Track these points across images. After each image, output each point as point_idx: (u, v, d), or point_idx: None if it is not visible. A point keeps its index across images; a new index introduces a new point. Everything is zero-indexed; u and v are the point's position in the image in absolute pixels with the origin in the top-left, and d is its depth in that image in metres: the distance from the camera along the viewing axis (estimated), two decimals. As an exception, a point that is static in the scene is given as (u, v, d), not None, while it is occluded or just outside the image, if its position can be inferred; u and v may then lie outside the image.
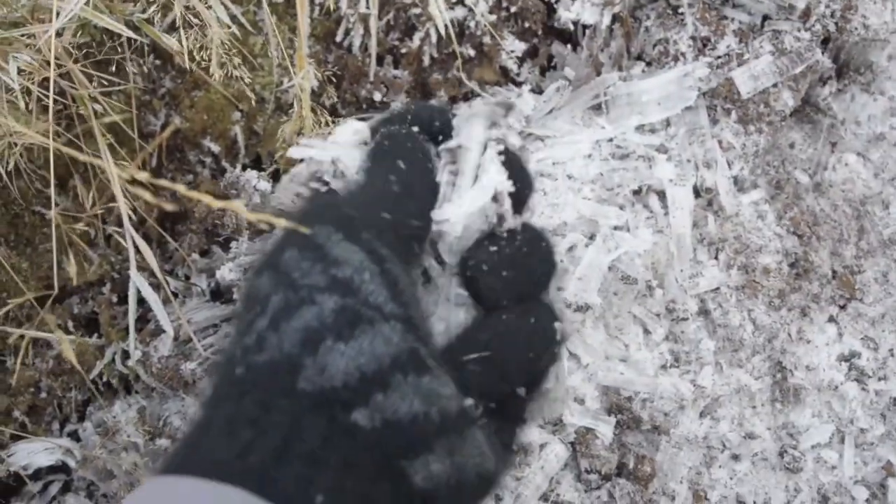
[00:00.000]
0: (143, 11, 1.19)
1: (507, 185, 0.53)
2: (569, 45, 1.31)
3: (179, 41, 1.17)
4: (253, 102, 1.28)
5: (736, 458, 1.19)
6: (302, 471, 0.39)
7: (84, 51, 1.20)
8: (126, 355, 1.21)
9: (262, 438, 0.39)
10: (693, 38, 1.27)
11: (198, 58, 1.12)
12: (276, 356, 0.42)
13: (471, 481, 0.44)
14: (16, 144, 1.18)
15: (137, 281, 1.17)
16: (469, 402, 0.45)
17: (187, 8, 1.16)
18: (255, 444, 0.39)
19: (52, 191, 1.09)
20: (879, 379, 1.23)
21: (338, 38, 1.28)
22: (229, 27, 1.17)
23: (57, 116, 1.23)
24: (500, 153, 0.55)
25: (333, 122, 1.26)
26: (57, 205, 1.25)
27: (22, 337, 1.21)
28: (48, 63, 1.17)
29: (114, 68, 1.23)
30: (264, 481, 0.38)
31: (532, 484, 1.15)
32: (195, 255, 1.24)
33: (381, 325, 0.42)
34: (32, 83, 1.15)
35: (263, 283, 0.45)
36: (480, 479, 0.45)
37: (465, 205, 0.52)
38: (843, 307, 1.27)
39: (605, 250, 1.18)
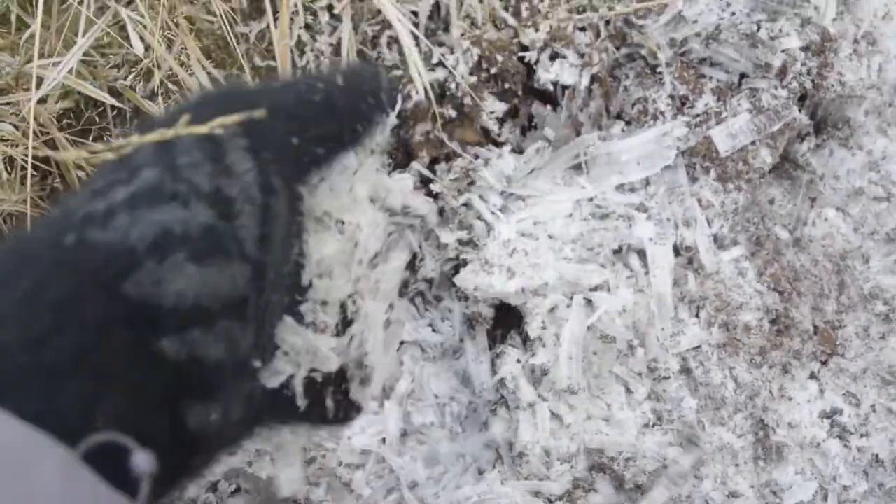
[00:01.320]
0: (126, 77, 1.21)
1: None
2: (549, 106, 1.33)
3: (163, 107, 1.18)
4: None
5: (719, 517, 1.19)
6: (91, 388, 0.34)
7: (68, 118, 1.22)
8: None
9: (62, 336, 0.34)
10: (671, 96, 1.29)
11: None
12: (116, 241, 0.37)
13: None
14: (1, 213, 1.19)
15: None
16: (257, 363, 0.42)
17: (169, 75, 1.18)
18: (51, 341, 0.34)
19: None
20: (861, 435, 1.23)
21: (320, 101, 1.30)
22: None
23: (42, 183, 1.24)
24: None
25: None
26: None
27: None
28: (35, 131, 1.19)
29: (99, 132, 1.24)
30: (47, 391, 0.33)
31: (515, 546, 1.16)
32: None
33: (234, 263, 0.39)
34: (16, 150, 1.16)
35: (146, 149, 0.41)
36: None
37: None
38: (824, 363, 1.28)
39: (586, 312, 1.19)
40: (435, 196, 1.30)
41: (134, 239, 0.37)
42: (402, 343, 1.30)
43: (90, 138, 1.20)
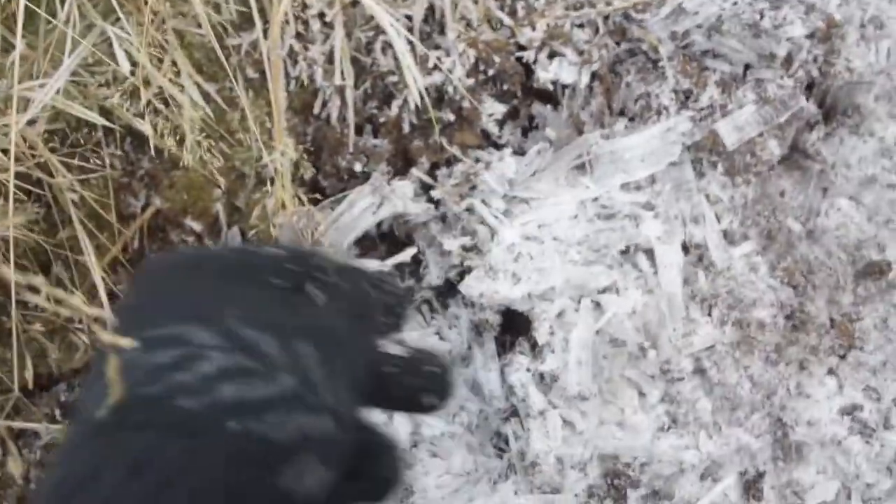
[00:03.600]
0: (116, 96, 1.19)
1: None
2: (549, 105, 1.30)
3: (153, 125, 1.16)
4: (233, 178, 1.28)
5: (740, 521, 1.16)
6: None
7: (59, 138, 1.19)
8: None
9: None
10: (675, 90, 1.26)
11: (169, 142, 1.12)
12: (272, 436, 0.43)
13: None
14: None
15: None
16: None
17: (158, 93, 1.16)
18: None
19: (12, 284, 1.07)
20: (884, 429, 1.20)
21: (315, 110, 1.27)
22: (203, 108, 1.17)
23: (36, 204, 1.22)
24: None
25: (313, 196, 1.25)
26: (38, 292, 1.24)
27: (10, 429, 1.20)
28: (24, 153, 1.17)
29: (90, 152, 1.22)
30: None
31: (531, 559, 1.13)
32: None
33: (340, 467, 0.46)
34: (6, 173, 1.14)
35: (281, 356, 0.46)
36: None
37: None
38: (842, 357, 1.24)
39: (595, 315, 1.17)
40: (436, 202, 1.27)
41: (285, 436, 0.43)
42: (408, 353, 1.27)
43: (75, 158, 1.18)
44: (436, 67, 1.25)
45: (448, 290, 1.30)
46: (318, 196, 1.25)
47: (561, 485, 1.14)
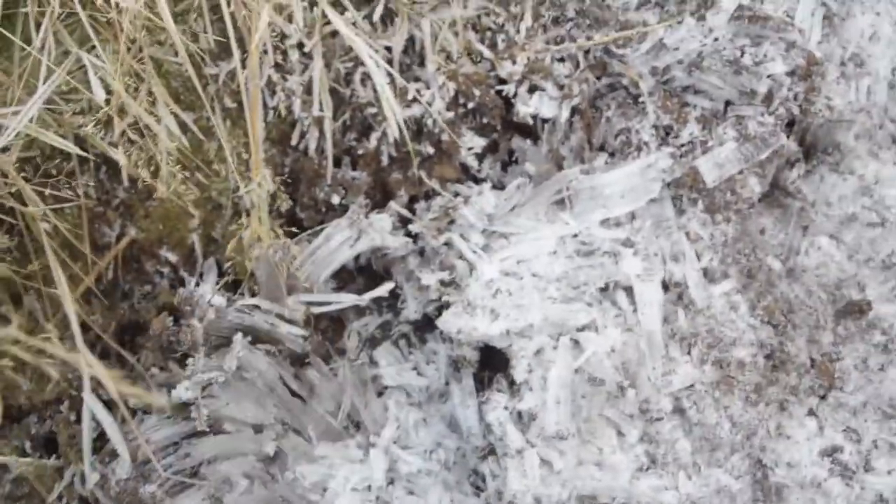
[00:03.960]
0: (90, 125, 1.17)
1: None
2: (529, 140, 1.29)
3: (128, 154, 1.14)
4: (209, 209, 1.26)
5: (718, 564, 1.15)
6: None
7: (32, 167, 1.18)
8: (85, 477, 1.17)
9: None
10: (655, 126, 1.25)
11: (144, 173, 1.10)
12: None
13: None
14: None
15: (91, 404, 1.13)
16: None
17: (133, 122, 1.14)
18: None
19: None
20: (865, 471, 1.19)
21: (293, 142, 1.26)
22: (179, 138, 1.15)
23: (8, 233, 1.20)
24: None
25: (290, 229, 1.24)
26: (9, 322, 1.22)
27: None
28: (-4, 182, 1.15)
29: (64, 182, 1.20)
30: None
31: None
32: (154, 370, 1.20)
33: None
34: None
35: None
36: None
37: None
38: (822, 397, 1.23)
39: (573, 353, 1.15)
40: (415, 236, 1.26)
41: None
42: (386, 388, 1.25)
43: (49, 187, 1.16)
44: (415, 100, 1.24)
45: (426, 325, 1.29)
46: (294, 229, 1.24)
47: (538, 527, 1.12)
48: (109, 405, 1.14)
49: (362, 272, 1.30)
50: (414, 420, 1.25)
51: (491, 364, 1.24)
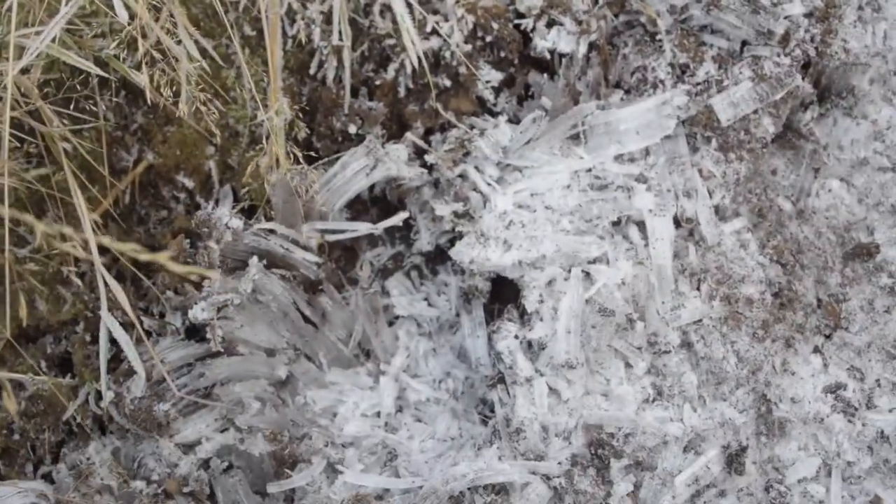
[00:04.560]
0: (114, 45, 1.18)
1: None
2: (546, 74, 1.29)
3: (150, 76, 1.15)
4: (227, 136, 1.27)
5: (722, 493, 1.17)
6: None
7: (53, 88, 1.18)
8: (100, 396, 1.19)
9: None
10: (672, 64, 1.26)
11: (165, 94, 1.11)
12: None
13: None
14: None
15: (108, 322, 1.15)
16: None
17: (155, 44, 1.15)
18: None
19: (6, 229, 1.06)
20: (867, 409, 1.21)
21: (311, 71, 1.27)
22: (199, 62, 1.16)
23: (27, 155, 1.21)
24: None
25: (308, 154, 1.25)
26: (28, 244, 1.23)
27: (-6, 378, 1.19)
28: (18, 101, 1.16)
29: (84, 104, 1.21)
30: None
31: (512, 524, 1.13)
32: (169, 293, 1.22)
33: None
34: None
35: None
36: None
37: None
38: (828, 337, 1.25)
39: (584, 285, 1.17)
40: (430, 167, 1.27)
41: None
42: (397, 317, 1.27)
43: (69, 107, 1.17)
44: (434, 32, 1.25)
45: (438, 257, 1.30)
46: (312, 154, 1.25)
47: (545, 452, 1.14)
48: (124, 327, 1.16)
49: (376, 203, 1.31)
50: (424, 349, 1.26)
51: (501, 297, 1.26)
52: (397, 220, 1.25)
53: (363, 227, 1.24)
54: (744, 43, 1.26)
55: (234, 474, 1.17)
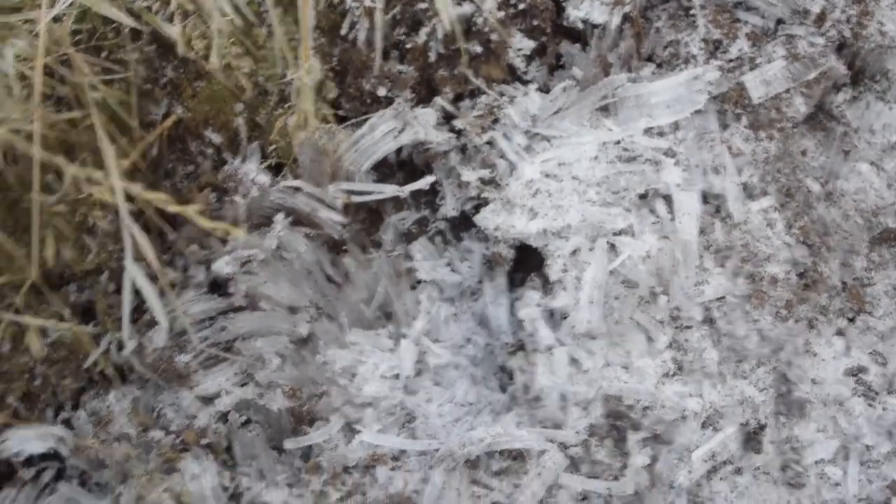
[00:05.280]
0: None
1: None
2: (578, 45, 1.29)
3: (182, 27, 1.15)
4: (256, 94, 1.27)
5: (738, 471, 1.16)
6: None
7: (83, 37, 1.19)
8: (121, 345, 1.19)
9: None
10: (705, 40, 1.25)
11: (197, 45, 1.11)
12: None
13: None
14: (17, 131, 1.16)
15: (133, 271, 1.15)
16: None
17: (189, -4, 1.15)
18: None
19: (35, 173, 1.07)
20: (888, 394, 1.20)
21: (342, 31, 1.26)
22: (231, 17, 1.16)
23: (57, 103, 1.22)
24: None
25: (336, 115, 1.25)
26: (54, 191, 1.24)
27: (16, 323, 1.20)
28: (49, 49, 1.16)
29: (115, 56, 1.21)
30: None
31: (528, 490, 1.13)
32: (194, 247, 1.22)
33: None
34: (31, 69, 1.13)
35: None
36: None
37: None
38: (851, 320, 1.24)
39: (609, 256, 1.16)
40: (458, 133, 1.26)
41: None
42: (419, 282, 1.27)
43: (102, 56, 1.17)
44: (467, -2, 1.24)
45: (462, 224, 1.30)
46: (340, 115, 1.25)
47: (563, 421, 1.14)
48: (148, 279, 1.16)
49: (402, 167, 1.30)
50: (445, 315, 1.26)
51: (523, 265, 1.26)
52: (424, 183, 1.25)
53: (389, 190, 1.24)
54: (778, 21, 1.25)
55: (252, 429, 1.18)
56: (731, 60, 1.24)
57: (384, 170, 1.30)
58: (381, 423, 1.19)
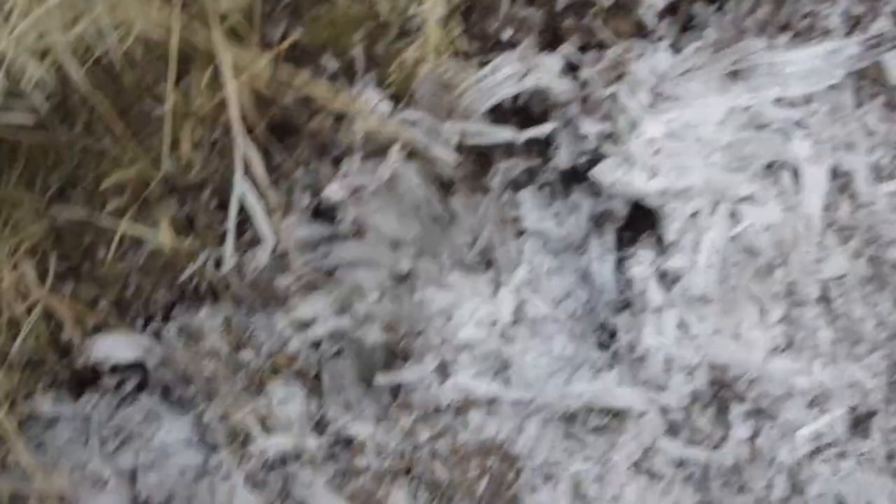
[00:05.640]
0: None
1: None
2: (713, 6, 1.25)
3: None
4: (377, 24, 1.24)
5: (842, 455, 1.12)
6: None
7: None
8: (218, 262, 1.17)
9: None
10: (845, 14, 1.21)
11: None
12: None
13: None
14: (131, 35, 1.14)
15: (241, 186, 1.13)
16: None
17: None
18: None
19: (171, 67, 1.04)
20: None
21: (473, -31, 1.24)
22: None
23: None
24: None
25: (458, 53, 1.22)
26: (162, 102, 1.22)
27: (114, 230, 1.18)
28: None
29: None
30: None
31: (624, 451, 1.10)
32: (301, 170, 1.20)
33: None
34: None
35: None
36: None
37: None
38: (972, 315, 1.20)
39: (730, 222, 1.13)
40: (581, 84, 1.23)
41: None
42: (524, 231, 1.23)
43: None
44: (606, -54, 1.21)
45: (573, 177, 1.26)
46: (463, 51, 1.22)
47: (666, 384, 1.11)
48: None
49: (517, 114, 1.27)
50: (548, 267, 1.23)
51: (631, 225, 1.22)
52: (542, 130, 1.21)
53: (506, 134, 1.21)
54: (925, 2, 1.21)
55: (344, 360, 1.15)
56: (870, 38, 1.20)
57: (498, 117, 1.27)
58: (476, 367, 1.16)
